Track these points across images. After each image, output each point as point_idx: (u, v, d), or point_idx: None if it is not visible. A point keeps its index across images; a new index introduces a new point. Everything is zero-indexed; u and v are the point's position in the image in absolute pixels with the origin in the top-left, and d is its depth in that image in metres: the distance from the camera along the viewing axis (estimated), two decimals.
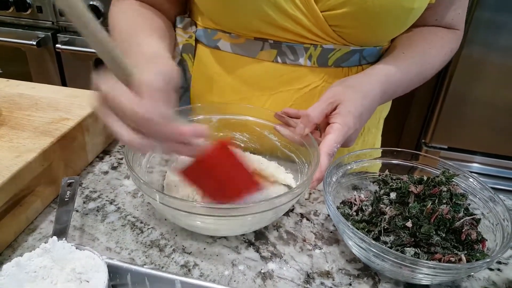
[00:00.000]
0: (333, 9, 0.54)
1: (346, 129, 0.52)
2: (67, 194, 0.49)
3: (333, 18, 0.55)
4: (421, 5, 0.56)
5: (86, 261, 0.40)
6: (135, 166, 0.50)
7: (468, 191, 0.51)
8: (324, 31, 0.57)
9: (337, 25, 0.56)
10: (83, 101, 0.62)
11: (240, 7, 0.55)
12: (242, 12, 0.56)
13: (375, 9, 0.53)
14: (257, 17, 0.55)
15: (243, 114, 0.60)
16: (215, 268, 0.46)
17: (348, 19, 0.55)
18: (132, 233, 0.50)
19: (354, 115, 0.53)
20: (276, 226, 0.53)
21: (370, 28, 0.57)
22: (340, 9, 0.54)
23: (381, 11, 0.53)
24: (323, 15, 0.55)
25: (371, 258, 0.44)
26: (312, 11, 0.55)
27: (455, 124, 1.44)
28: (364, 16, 0.54)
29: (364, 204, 0.51)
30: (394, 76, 0.59)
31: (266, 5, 0.54)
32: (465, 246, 0.45)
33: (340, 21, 0.56)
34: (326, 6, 0.54)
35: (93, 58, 1.59)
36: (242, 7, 0.55)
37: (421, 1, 0.56)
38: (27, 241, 0.48)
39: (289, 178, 0.57)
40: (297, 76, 0.61)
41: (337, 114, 0.53)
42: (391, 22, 0.56)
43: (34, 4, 1.54)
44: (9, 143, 0.51)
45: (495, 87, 1.35)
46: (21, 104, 0.61)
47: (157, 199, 0.44)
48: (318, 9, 0.55)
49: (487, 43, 1.29)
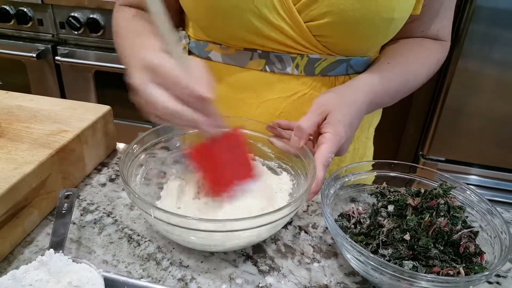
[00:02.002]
0: (316, 19, 0.55)
1: (339, 138, 0.52)
2: (65, 206, 0.49)
3: (316, 28, 0.56)
4: (401, 15, 0.57)
5: (82, 274, 0.40)
6: (130, 180, 0.50)
7: (465, 203, 0.51)
8: (309, 41, 0.58)
9: (320, 35, 0.58)
10: (82, 113, 0.62)
11: (228, 18, 0.57)
12: (230, 23, 0.57)
13: (355, 19, 0.54)
14: (244, 28, 0.57)
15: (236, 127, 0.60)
16: (213, 282, 0.46)
17: (330, 29, 0.56)
18: (129, 246, 0.50)
19: (344, 124, 0.53)
20: (274, 239, 0.53)
21: (352, 38, 0.58)
22: (322, 19, 0.55)
23: (362, 21, 0.55)
24: (307, 25, 0.56)
25: (369, 272, 0.43)
26: (295, 21, 0.56)
27: (453, 136, 1.45)
28: (345, 26, 0.55)
29: (362, 217, 0.51)
30: (378, 86, 0.60)
31: (252, 16, 0.55)
32: (464, 259, 0.45)
33: (323, 31, 0.57)
34: (309, 17, 0.56)
35: (92, 71, 1.61)
36: (229, 19, 0.57)
37: (401, 12, 0.57)
38: (24, 254, 0.48)
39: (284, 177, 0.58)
40: (286, 84, 0.63)
41: (328, 123, 0.53)
42: (372, 32, 0.57)
43: (34, 17, 1.56)
44: (8, 154, 0.51)
45: (491, 99, 1.37)
46: (20, 116, 0.61)
47: (151, 214, 0.44)
48: (301, 19, 0.56)
49: (483, 56, 1.31)
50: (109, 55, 1.54)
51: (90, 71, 1.61)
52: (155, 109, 0.44)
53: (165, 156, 0.59)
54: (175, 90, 0.43)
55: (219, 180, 0.51)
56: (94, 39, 1.55)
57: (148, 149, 0.56)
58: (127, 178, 0.49)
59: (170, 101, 0.43)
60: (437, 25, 0.67)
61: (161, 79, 0.43)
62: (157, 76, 0.43)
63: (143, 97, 0.45)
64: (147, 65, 0.44)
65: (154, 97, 0.43)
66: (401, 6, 0.56)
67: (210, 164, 0.50)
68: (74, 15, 1.50)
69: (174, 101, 0.43)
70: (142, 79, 0.44)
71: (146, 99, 0.44)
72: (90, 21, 1.50)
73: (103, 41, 1.55)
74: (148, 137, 0.56)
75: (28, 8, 1.54)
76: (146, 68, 0.44)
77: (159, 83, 0.43)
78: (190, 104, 0.43)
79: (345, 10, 0.53)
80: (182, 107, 0.43)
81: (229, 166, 0.51)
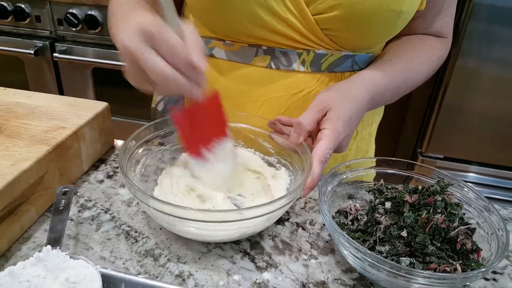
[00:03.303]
0: (324, 12, 0.55)
1: (337, 134, 0.52)
2: (62, 202, 0.49)
3: (324, 22, 0.56)
4: (409, 8, 0.57)
5: (80, 271, 0.40)
6: (129, 174, 0.50)
7: (463, 200, 0.52)
8: (316, 35, 0.58)
9: (328, 29, 0.57)
10: (79, 109, 0.62)
11: (231, 8, 0.56)
12: (233, 13, 0.56)
13: (364, 12, 0.54)
14: (249, 19, 0.56)
15: (238, 122, 0.60)
16: (210, 278, 0.46)
17: (338, 22, 0.56)
18: (126, 242, 0.50)
19: (344, 120, 0.53)
20: (271, 235, 0.53)
21: (361, 31, 0.58)
22: (331, 12, 0.54)
23: (371, 14, 0.54)
24: (315, 19, 0.56)
25: (366, 268, 0.44)
26: (303, 14, 0.56)
27: (451, 134, 1.45)
28: (354, 19, 0.55)
29: (359, 214, 0.51)
30: (380, 82, 0.60)
31: (258, 7, 0.54)
32: (460, 255, 0.45)
33: (331, 25, 0.56)
34: (317, 10, 0.55)
35: (90, 67, 1.60)
36: (233, 9, 0.56)
37: (409, 5, 0.57)
38: (21, 250, 0.48)
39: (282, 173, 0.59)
40: (291, 81, 0.62)
41: (327, 119, 0.53)
42: (381, 25, 0.57)
43: (32, 13, 1.55)
44: (5, 151, 0.51)
45: (490, 97, 1.37)
46: (17, 112, 0.61)
47: (151, 205, 0.45)
48: (309, 12, 0.55)
49: (481, 54, 1.31)
50: (107, 52, 1.54)
51: (88, 68, 1.61)
52: (151, 73, 0.43)
53: (162, 152, 0.59)
54: (172, 57, 0.42)
55: (200, 140, 0.53)
56: (92, 36, 1.55)
57: (145, 144, 0.56)
58: (127, 170, 0.49)
59: (167, 66, 0.42)
60: (440, 21, 0.67)
61: (157, 45, 0.42)
62: (154, 42, 0.42)
63: (134, 60, 0.43)
64: (144, 29, 0.42)
65: (151, 61, 0.42)
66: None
67: (193, 126, 0.52)
68: (72, 12, 1.49)
69: (170, 67, 0.42)
70: (136, 43, 0.42)
71: (140, 63, 0.43)
72: (88, 17, 1.49)
73: (101, 37, 1.54)
74: (145, 131, 0.56)
75: (26, 4, 1.53)
76: (141, 32, 0.42)
77: (155, 48, 0.42)
78: (183, 71, 0.43)
79: (354, 2, 0.53)
80: (178, 73, 0.43)
81: (209, 126, 0.53)
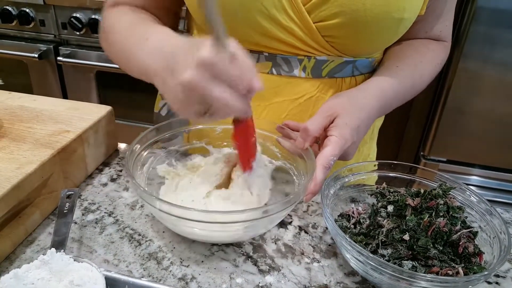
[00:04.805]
0: (326, 19, 0.55)
1: (343, 141, 0.52)
2: (66, 206, 0.49)
3: (326, 29, 0.56)
4: (410, 16, 0.58)
5: (84, 273, 0.40)
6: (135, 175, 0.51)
7: (465, 203, 0.52)
8: (318, 42, 0.58)
9: (330, 36, 0.57)
10: (83, 113, 0.63)
11: (234, 17, 0.56)
12: (236, 22, 0.56)
13: (366, 20, 0.54)
14: (250, 27, 0.57)
15: None
16: (213, 281, 0.46)
17: (340, 29, 0.56)
18: (130, 246, 0.50)
19: (351, 127, 0.53)
20: (274, 238, 0.53)
21: (362, 38, 0.58)
22: (333, 19, 0.55)
23: (373, 22, 0.55)
24: (316, 26, 0.56)
25: (369, 272, 0.44)
26: (305, 22, 0.56)
27: (454, 137, 1.45)
28: (356, 26, 0.55)
29: (362, 217, 0.51)
30: (389, 90, 0.60)
31: (259, 15, 0.55)
32: (463, 259, 0.45)
33: (332, 32, 0.57)
34: (318, 17, 0.55)
35: (94, 71, 1.61)
36: (235, 17, 0.56)
37: (410, 12, 0.57)
38: (25, 253, 0.48)
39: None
40: (292, 86, 0.62)
41: (334, 126, 0.53)
42: (382, 32, 0.58)
43: (37, 17, 1.56)
44: (10, 154, 0.52)
45: (492, 100, 1.36)
46: (22, 116, 0.61)
47: (156, 206, 0.45)
48: (311, 20, 0.56)
49: (483, 57, 1.31)
50: None
51: (92, 72, 1.62)
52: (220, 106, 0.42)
53: (167, 154, 0.60)
54: (236, 86, 0.41)
55: (252, 154, 0.53)
56: (96, 40, 1.56)
57: (150, 147, 0.57)
58: (133, 172, 0.50)
59: (233, 94, 0.41)
60: (439, 25, 0.67)
61: (222, 77, 0.41)
62: (219, 76, 0.41)
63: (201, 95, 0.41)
64: (206, 64, 0.40)
65: (221, 96, 0.41)
66: (411, 6, 0.56)
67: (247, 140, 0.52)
68: (76, 16, 1.50)
69: (236, 95, 0.42)
70: (205, 81, 0.41)
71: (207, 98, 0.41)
72: (92, 21, 1.50)
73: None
74: (150, 134, 0.56)
75: (30, 8, 1.54)
76: (204, 67, 0.40)
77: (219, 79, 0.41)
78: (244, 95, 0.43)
79: (357, 10, 0.53)
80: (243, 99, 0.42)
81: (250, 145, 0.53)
